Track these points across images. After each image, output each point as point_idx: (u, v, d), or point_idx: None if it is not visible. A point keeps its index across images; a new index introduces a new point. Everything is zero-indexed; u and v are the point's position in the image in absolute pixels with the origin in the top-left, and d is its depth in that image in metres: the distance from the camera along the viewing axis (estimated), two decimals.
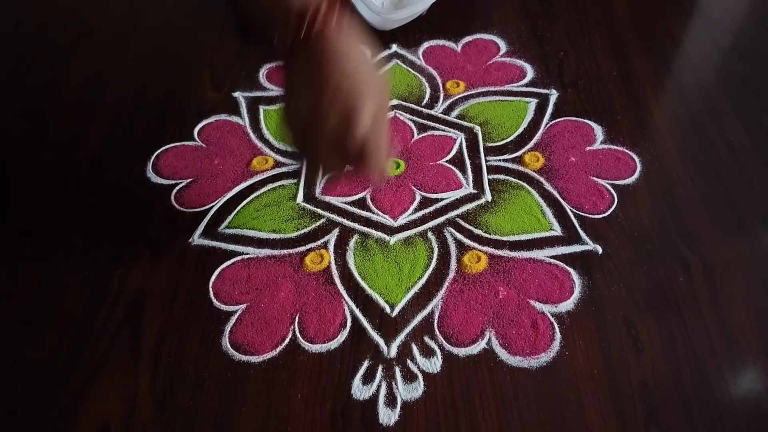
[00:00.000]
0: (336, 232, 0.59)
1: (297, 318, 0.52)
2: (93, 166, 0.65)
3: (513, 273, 0.55)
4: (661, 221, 0.58)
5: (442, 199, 0.61)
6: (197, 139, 0.67)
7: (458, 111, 0.70)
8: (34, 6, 0.87)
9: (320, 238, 0.58)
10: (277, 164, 0.65)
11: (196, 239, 0.58)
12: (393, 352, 0.50)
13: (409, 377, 0.49)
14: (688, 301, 0.53)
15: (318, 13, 0.43)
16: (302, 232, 0.59)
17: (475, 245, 0.57)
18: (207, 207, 0.61)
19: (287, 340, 0.51)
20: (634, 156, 0.64)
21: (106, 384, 0.49)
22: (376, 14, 0.75)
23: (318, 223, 0.59)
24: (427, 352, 0.50)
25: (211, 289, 0.55)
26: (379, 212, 0.60)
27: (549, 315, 0.52)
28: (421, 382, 0.48)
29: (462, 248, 0.57)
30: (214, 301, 0.54)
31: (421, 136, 0.67)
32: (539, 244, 0.57)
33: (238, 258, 0.57)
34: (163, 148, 0.66)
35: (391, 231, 0.59)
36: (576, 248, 0.57)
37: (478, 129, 0.67)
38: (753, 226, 0.58)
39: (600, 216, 0.59)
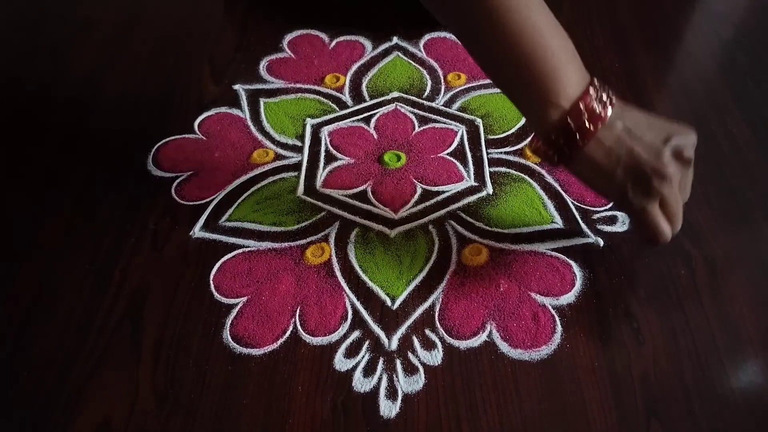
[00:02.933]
0: (337, 225, 0.58)
1: (298, 311, 0.52)
2: (93, 159, 0.65)
3: (514, 266, 0.55)
4: None
5: (443, 192, 0.61)
6: (198, 131, 0.67)
7: (459, 103, 0.69)
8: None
9: (321, 231, 0.58)
10: (278, 157, 0.65)
11: (197, 232, 0.58)
12: (394, 344, 0.50)
13: (410, 370, 0.49)
14: (689, 293, 0.53)
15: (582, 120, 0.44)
16: (303, 225, 0.58)
17: (476, 238, 0.57)
18: (207, 200, 0.61)
19: (288, 333, 0.51)
20: None
21: (107, 377, 0.49)
22: None
23: (319, 216, 0.59)
24: (428, 345, 0.50)
25: (211, 281, 0.54)
26: (380, 205, 0.60)
27: (550, 307, 0.52)
28: (422, 375, 0.48)
29: (463, 241, 0.57)
30: (215, 293, 0.54)
31: (422, 128, 0.67)
32: (540, 237, 0.57)
33: (239, 251, 0.57)
34: (164, 141, 0.66)
35: (392, 224, 0.58)
36: (577, 241, 0.57)
37: (479, 121, 0.67)
38: (755, 219, 0.58)
39: (601, 208, 0.59)
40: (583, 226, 0.58)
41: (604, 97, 0.45)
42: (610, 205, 0.59)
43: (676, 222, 0.48)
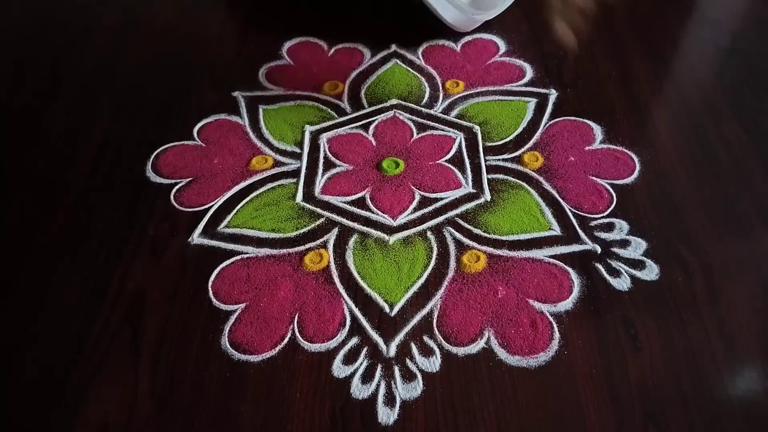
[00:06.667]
0: (335, 231, 0.59)
1: (296, 317, 0.52)
2: (92, 165, 0.65)
3: (512, 272, 0.55)
4: (660, 221, 0.59)
5: (442, 199, 0.61)
6: (197, 138, 0.68)
7: (457, 110, 0.70)
8: (34, 4, 0.87)
9: (319, 238, 0.58)
10: (277, 164, 0.65)
11: (196, 238, 0.58)
12: (392, 351, 0.50)
13: (408, 376, 0.49)
14: (686, 301, 0.53)
15: None
16: (301, 231, 0.59)
17: (475, 245, 0.57)
18: (206, 206, 0.61)
19: (286, 340, 0.51)
20: (633, 156, 0.64)
21: (106, 383, 0.49)
22: (461, 12, 0.74)
23: (317, 223, 0.59)
24: (426, 352, 0.50)
25: (210, 288, 0.55)
26: (379, 212, 0.60)
27: (548, 314, 0.52)
28: (420, 382, 0.48)
29: (461, 248, 0.57)
30: (214, 300, 0.54)
31: (420, 135, 0.67)
32: (538, 244, 0.57)
33: (238, 257, 0.57)
34: (163, 147, 0.66)
35: (391, 230, 0.59)
36: (575, 248, 0.57)
37: (477, 128, 0.68)
38: (751, 227, 0.59)
39: (599, 215, 0.59)
40: (580, 232, 0.58)
41: None
42: (608, 212, 0.59)
43: None
